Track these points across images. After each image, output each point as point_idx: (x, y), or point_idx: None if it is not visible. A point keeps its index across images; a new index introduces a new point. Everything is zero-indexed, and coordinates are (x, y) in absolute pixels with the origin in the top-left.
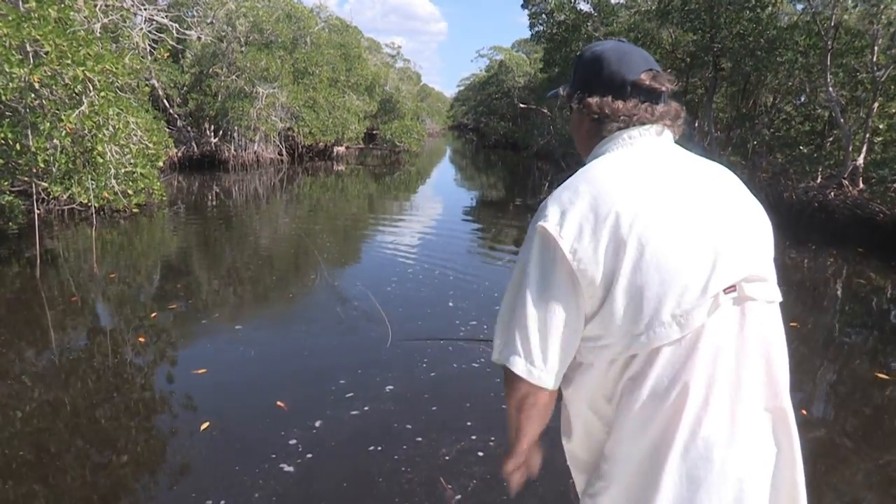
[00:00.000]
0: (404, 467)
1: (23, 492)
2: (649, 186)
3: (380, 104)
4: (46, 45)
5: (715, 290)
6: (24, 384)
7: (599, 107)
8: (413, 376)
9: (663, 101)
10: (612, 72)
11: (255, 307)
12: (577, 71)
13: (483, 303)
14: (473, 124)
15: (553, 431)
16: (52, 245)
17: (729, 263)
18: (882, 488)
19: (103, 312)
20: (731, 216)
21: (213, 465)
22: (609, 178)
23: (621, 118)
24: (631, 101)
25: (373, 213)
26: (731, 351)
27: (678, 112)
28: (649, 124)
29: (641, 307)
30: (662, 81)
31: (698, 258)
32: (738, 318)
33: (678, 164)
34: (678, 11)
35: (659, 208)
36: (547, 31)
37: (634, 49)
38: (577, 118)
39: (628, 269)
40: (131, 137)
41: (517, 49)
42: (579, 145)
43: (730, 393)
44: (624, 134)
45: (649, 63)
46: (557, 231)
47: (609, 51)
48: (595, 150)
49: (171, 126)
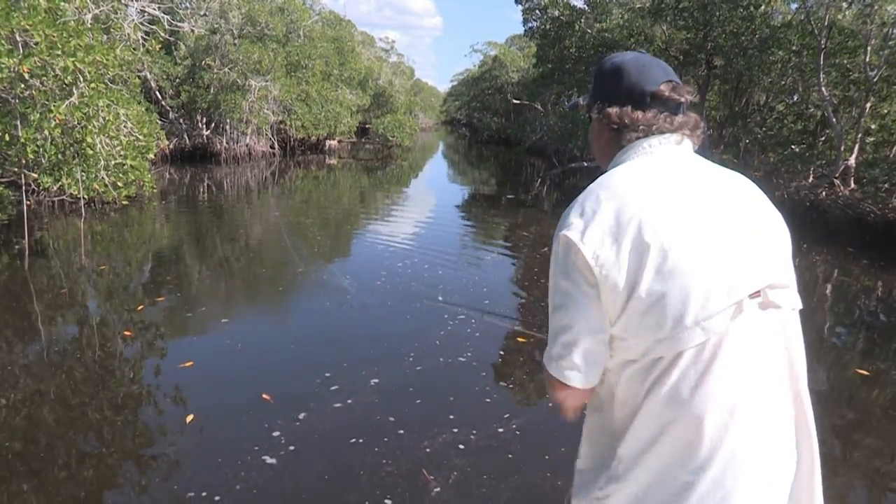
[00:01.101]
0: (385, 460)
1: (9, 483)
2: (670, 194)
3: (372, 98)
4: (36, 36)
5: (739, 295)
6: (11, 375)
7: (619, 117)
8: (399, 370)
9: (682, 111)
10: (633, 83)
11: (244, 300)
12: (598, 81)
13: (473, 296)
14: (466, 119)
15: (539, 432)
16: (41, 237)
17: (752, 269)
18: (864, 482)
19: (92, 304)
20: (752, 223)
21: (196, 457)
22: (630, 186)
23: (640, 128)
24: (650, 112)
25: (364, 207)
26: (754, 357)
27: (697, 122)
28: (668, 133)
29: (665, 312)
30: (682, 93)
31: (721, 264)
32: (762, 324)
33: (698, 172)
34: (671, 9)
35: (681, 215)
36: (540, 27)
37: (654, 60)
38: (596, 127)
39: (651, 275)
40: (121, 129)
41: (511, 45)
42: (598, 153)
43: (754, 400)
44: (644, 143)
45: (669, 74)
46: (579, 238)
47: (629, 62)
48: (615, 159)
49: (163, 118)
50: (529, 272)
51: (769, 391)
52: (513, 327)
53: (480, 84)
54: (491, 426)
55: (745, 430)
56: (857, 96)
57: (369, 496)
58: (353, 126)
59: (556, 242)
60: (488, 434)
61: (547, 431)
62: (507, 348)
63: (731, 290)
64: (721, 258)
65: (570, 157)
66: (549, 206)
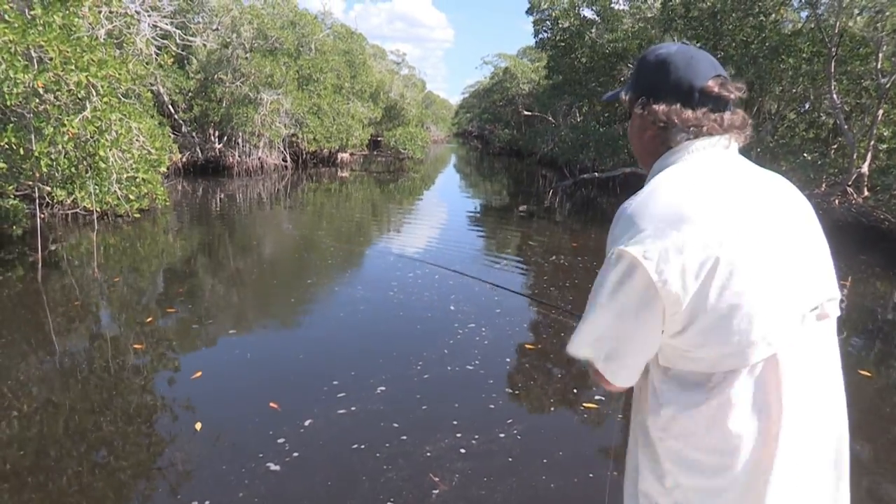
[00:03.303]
0: (386, 465)
1: (21, 493)
2: (730, 205)
3: (384, 111)
4: (51, 51)
5: (804, 310)
6: (24, 387)
7: (667, 115)
8: (406, 378)
9: (730, 108)
10: (680, 77)
11: (255, 311)
12: (641, 74)
13: (484, 306)
14: (478, 131)
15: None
16: (55, 249)
17: (814, 282)
18: (866, 483)
19: (104, 316)
20: (806, 233)
21: (202, 465)
22: (690, 196)
23: (690, 128)
24: (699, 110)
25: (376, 219)
26: (816, 368)
27: (745, 120)
28: (717, 136)
29: (731, 327)
30: (731, 88)
31: (786, 277)
32: (818, 336)
33: (750, 179)
34: (682, 18)
35: (744, 227)
36: (551, 39)
37: (701, 53)
38: (639, 124)
39: (717, 291)
40: (134, 143)
41: (522, 56)
42: (639, 151)
43: (817, 413)
44: (693, 145)
45: (717, 68)
46: (641, 253)
47: (676, 55)
48: (661, 160)
49: (175, 131)
50: (541, 282)
51: (825, 403)
52: (528, 307)
53: (492, 96)
54: (493, 431)
55: (812, 441)
56: (870, 103)
57: (371, 501)
58: (365, 139)
59: (614, 256)
60: (490, 439)
61: (547, 436)
62: (514, 357)
63: (795, 304)
64: (785, 271)
65: (582, 168)
66: (562, 218)
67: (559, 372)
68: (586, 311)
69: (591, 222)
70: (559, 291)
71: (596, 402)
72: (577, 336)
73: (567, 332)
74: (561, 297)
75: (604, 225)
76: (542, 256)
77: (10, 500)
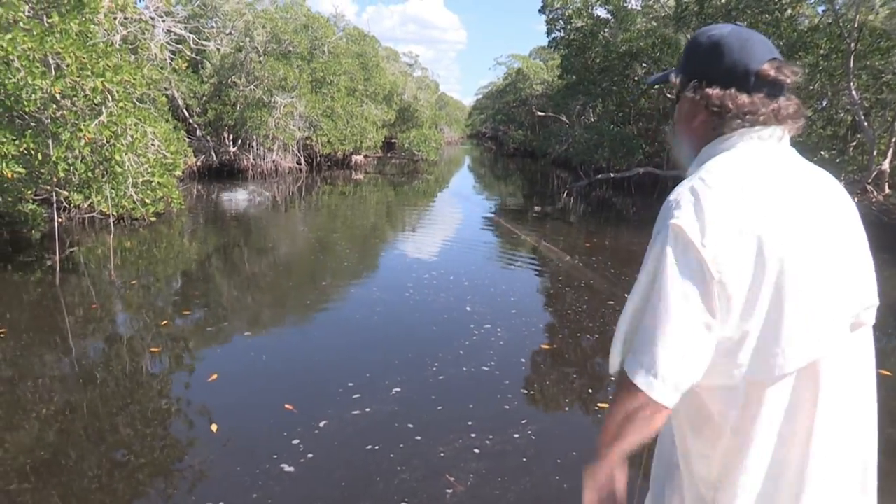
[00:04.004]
0: (400, 466)
1: (40, 493)
2: (785, 200)
3: (398, 113)
4: (67, 58)
5: (849, 317)
6: (44, 388)
7: (721, 99)
8: (421, 379)
9: (785, 94)
10: (735, 60)
11: (270, 313)
12: (692, 57)
13: (499, 307)
14: (492, 132)
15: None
16: (72, 252)
17: (859, 289)
18: None
19: (121, 319)
20: (852, 237)
21: (217, 466)
22: (746, 186)
23: (745, 115)
24: (755, 95)
25: (391, 221)
26: (852, 377)
27: (799, 108)
28: (772, 126)
29: (779, 331)
30: (787, 73)
31: (834, 283)
32: (855, 345)
33: (802, 176)
34: (695, 16)
35: (797, 225)
36: (564, 38)
37: (756, 35)
38: (689, 108)
39: (770, 290)
40: (149, 147)
41: (535, 56)
42: (686, 136)
43: (852, 421)
44: (747, 134)
45: (772, 51)
46: (700, 237)
47: (729, 36)
48: (712, 146)
49: (190, 135)
50: (556, 282)
51: (861, 417)
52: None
53: (505, 97)
54: (507, 432)
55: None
56: (890, 98)
57: (385, 502)
58: (379, 141)
59: (669, 235)
60: (504, 439)
61: (561, 437)
62: (530, 357)
63: (841, 311)
64: (834, 276)
65: (597, 169)
66: (576, 218)
67: (574, 372)
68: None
69: (606, 223)
70: (574, 291)
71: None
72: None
73: (583, 333)
74: (576, 297)
75: (619, 225)
76: (557, 257)
77: (32, 498)
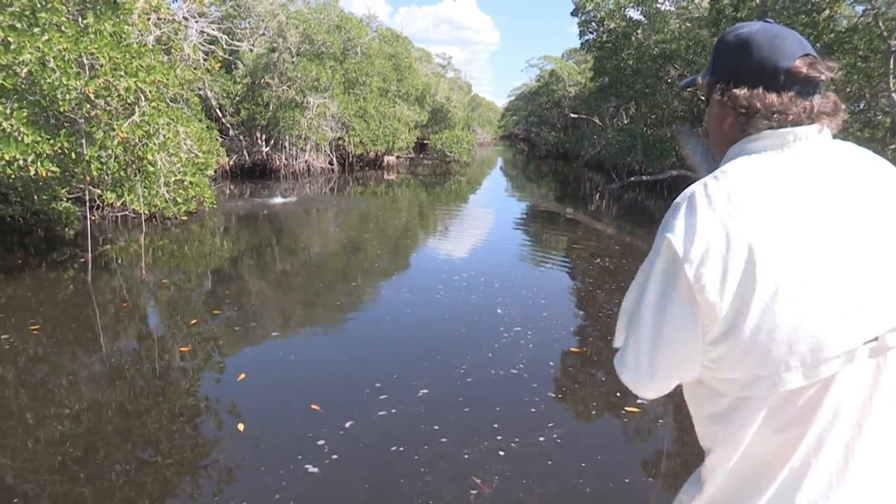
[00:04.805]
0: (425, 467)
1: (71, 486)
2: (796, 208)
3: (430, 114)
4: (101, 59)
5: (855, 342)
6: (75, 385)
7: (748, 100)
8: (449, 381)
9: (820, 92)
10: (763, 58)
11: (300, 313)
12: (719, 57)
13: (531, 309)
14: (524, 134)
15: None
16: (104, 251)
17: (876, 313)
18: None
19: (152, 318)
20: (887, 247)
21: (242, 466)
22: (750, 193)
23: (774, 115)
24: (785, 94)
25: (422, 222)
26: (857, 408)
27: (836, 105)
28: (806, 125)
29: (769, 350)
30: (821, 69)
31: (842, 303)
32: (874, 370)
33: (835, 176)
34: (730, 18)
35: (802, 240)
36: (597, 40)
37: (786, 31)
38: (717, 111)
39: (758, 310)
40: (181, 146)
41: (567, 58)
42: (715, 140)
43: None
44: (776, 135)
45: (805, 47)
46: (682, 250)
47: (758, 33)
48: (738, 146)
49: (223, 135)
50: (587, 284)
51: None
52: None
53: (537, 98)
54: (533, 434)
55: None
56: None
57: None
58: (411, 142)
59: (660, 244)
60: (530, 442)
61: (587, 440)
62: (559, 360)
63: (847, 337)
64: (843, 296)
65: (630, 171)
66: (609, 221)
67: (603, 375)
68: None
69: (638, 225)
70: (605, 294)
71: (638, 405)
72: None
73: (613, 336)
74: (607, 299)
75: (651, 228)
76: (588, 260)
77: (63, 491)
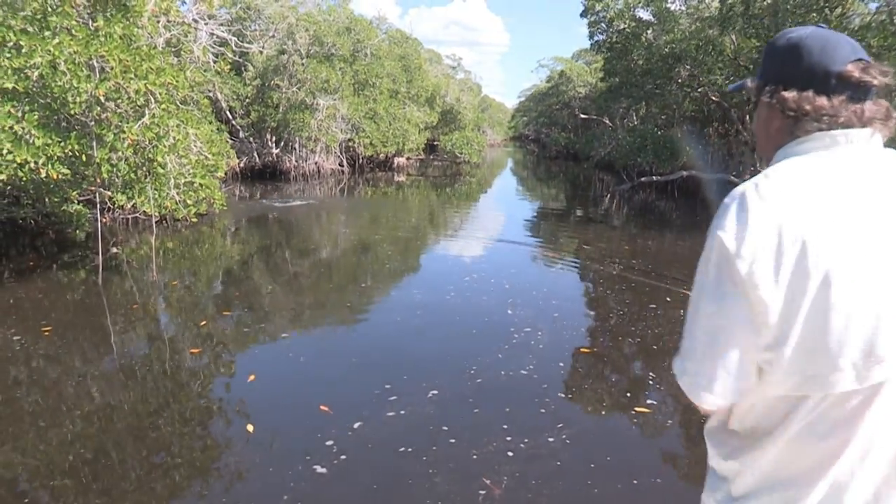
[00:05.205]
0: (433, 469)
1: (80, 488)
2: (848, 209)
3: (440, 115)
4: (111, 61)
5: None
6: (85, 386)
7: (797, 102)
8: (459, 382)
9: (871, 97)
10: (814, 62)
11: (310, 315)
12: (769, 60)
13: (541, 311)
14: (534, 135)
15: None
16: (115, 252)
17: None
18: None
19: (162, 319)
20: None
21: (251, 467)
22: (801, 192)
23: (824, 118)
24: (836, 98)
25: (433, 223)
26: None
27: (889, 111)
28: (856, 129)
29: (818, 350)
30: (874, 74)
31: (890, 309)
32: None
33: (887, 179)
34: (741, 17)
35: (856, 239)
36: (607, 41)
37: (839, 35)
38: (765, 114)
39: (808, 308)
40: (191, 148)
41: (577, 59)
42: (764, 143)
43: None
44: (826, 136)
45: (857, 52)
46: (734, 246)
47: (809, 37)
48: (786, 149)
49: (233, 137)
50: (598, 285)
51: None
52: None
53: (548, 99)
54: (542, 435)
55: None
56: None
57: None
58: (422, 143)
59: (712, 242)
60: (538, 443)
61: (596, 441)
62: (569, 361)
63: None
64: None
65: (640, 172)
66: (620, 222)
67: (613, 377)
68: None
69: (649, 226)
70: (615, 295)
71: (648, 406)
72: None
73: (624, 337)
74: (617, 301)
75: (662, 229)
76: (599, 261)
77: (74, 493)
